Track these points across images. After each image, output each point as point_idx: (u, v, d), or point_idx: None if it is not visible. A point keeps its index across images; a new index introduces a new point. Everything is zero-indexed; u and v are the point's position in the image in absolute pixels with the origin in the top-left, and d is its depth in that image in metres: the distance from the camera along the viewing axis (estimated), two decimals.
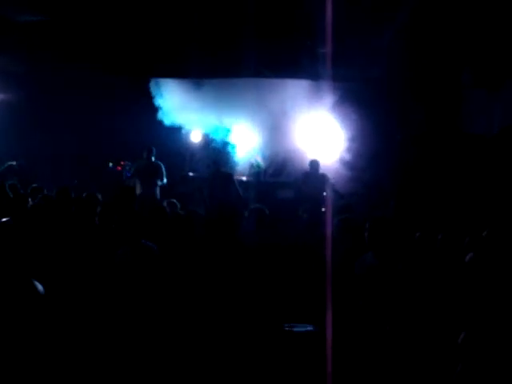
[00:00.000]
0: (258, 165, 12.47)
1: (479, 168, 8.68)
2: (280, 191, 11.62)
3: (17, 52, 9.95)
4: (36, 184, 7.86)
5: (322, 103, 11.28)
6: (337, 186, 10.09)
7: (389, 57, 9.20)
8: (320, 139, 11.76)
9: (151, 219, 5.20)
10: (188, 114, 12.15)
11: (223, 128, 12.66)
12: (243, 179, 11.81)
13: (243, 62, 9.58)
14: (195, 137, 12.91)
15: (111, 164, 12.08)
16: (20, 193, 6.96)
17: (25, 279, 2.77)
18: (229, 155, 12.54)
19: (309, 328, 4.49)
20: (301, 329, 4.48)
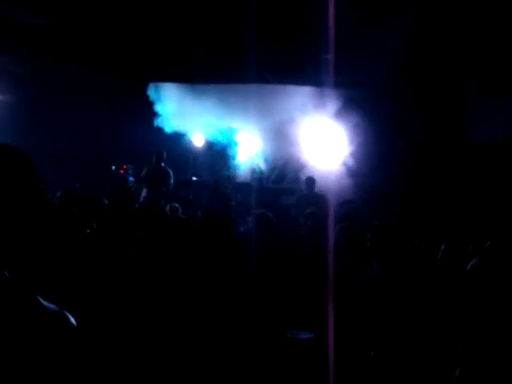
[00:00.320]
0: (261, 170, 12.44)
1: (483, 176, 8.64)
2: (283, 197, 11.55)
3: (18, 53, 9.95)
4: None
5: (326, 109, 11.27)
6: (341, 199, 9.23)
7: (392, 64, 9.20)
8: (323, 145, 11.74)
9: (153, 223, 5.16)
10: (191, 119, 12.15)
11: (227, 131, 12.63)
12: (246, 182, 11.77)
13: (246, 68, 9.56)
14: (198, 141, 12.90)
15: (114, 167, 12.06)
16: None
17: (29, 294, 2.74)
18: (231, 158, 12.51)
19: (311, 335, 4.46)
20: (303, 336, 4.45)
